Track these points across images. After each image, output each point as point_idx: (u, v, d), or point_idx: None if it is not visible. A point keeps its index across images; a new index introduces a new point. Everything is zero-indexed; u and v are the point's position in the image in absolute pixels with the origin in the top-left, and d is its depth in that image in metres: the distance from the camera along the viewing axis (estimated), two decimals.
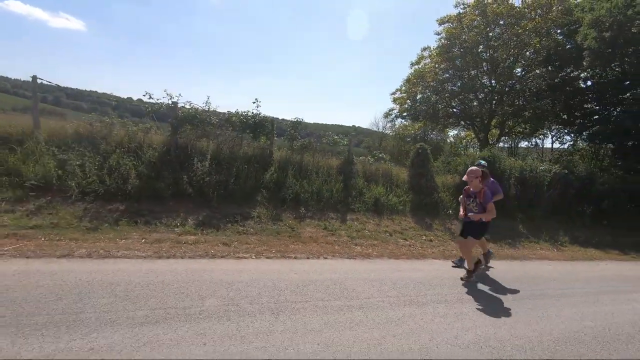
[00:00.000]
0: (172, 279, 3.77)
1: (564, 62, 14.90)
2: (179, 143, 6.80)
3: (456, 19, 17.14)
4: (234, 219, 6.26)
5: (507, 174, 9.65)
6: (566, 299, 4.73)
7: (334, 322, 3.23)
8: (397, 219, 7.99)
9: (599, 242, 9.35)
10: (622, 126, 12.44)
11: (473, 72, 17.41)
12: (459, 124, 20.93)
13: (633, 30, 11.36)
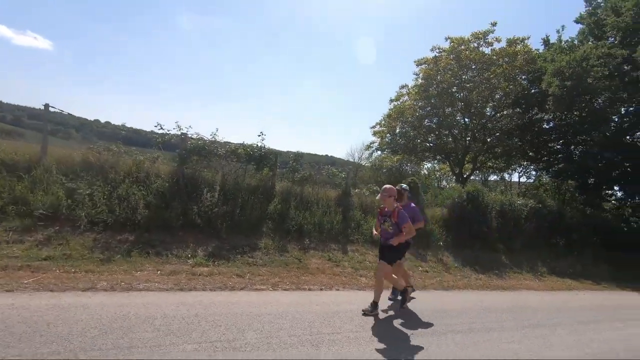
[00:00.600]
0: (204, 312, 3.82)
1: (530, 105, 16.41)
2: (185, 173, 6.87)
3: (432, 61, 18.54)
4: (243, 250, 6.33)
5: (490, 208, 10.34)
6: (564, 327, 5.14)
7: (369, 353, 3.41)
8: None
9: (572, 272, 10.09)
10: (584, 165, 13.74)
11: (448, 110, 18.69)
12: (435, 158, 22.08)
13: (589, 81, 12.87)
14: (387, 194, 4.52)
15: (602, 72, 12.75)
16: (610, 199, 16.20)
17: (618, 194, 15.75)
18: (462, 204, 9.94)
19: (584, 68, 12.73)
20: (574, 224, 11.83)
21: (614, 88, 12.92)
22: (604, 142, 13.25)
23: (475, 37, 17.40)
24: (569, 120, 15.20)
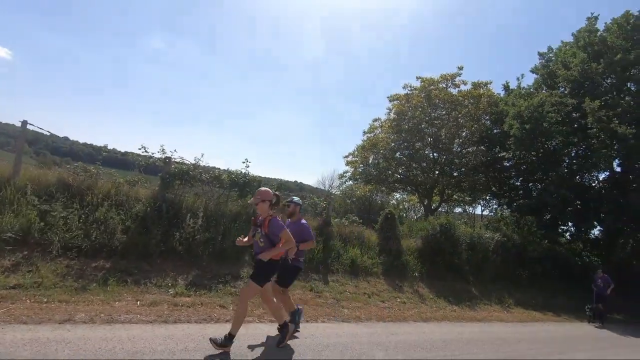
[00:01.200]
0: (195, 346, 3.66)
1: (493, 144, 17.65)
2: (167, 198, 6.69)
3: (404, 98, 19.64)
4: (225, 279, 6.16)
5: (461, 240, 10.79)
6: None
7: None
8: (371, 280, 8.39)
9: (536, 303, 10.62)
10: (542, 201, 14.81)
11: (418, 145, 19.64)
12: (405, 189, 22.85)
13: (545, 125, 14.15)
14: (260, 197, 3.77)
15: (555, 117, 14.10)
16: (565, 234, 17.41)
17: (572, 230, 16.96)
18: (435, 235, 10.31)
19: (540, 113, 14.02)
20: (536, 257, 12.56)
21: (566, 133, 14.27)
22: (559, 180, 14.41)
23: (444, 79, 18.72)
24: (527, 159, 16.47)
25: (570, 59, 15.21)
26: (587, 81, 14.49)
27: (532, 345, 6.33)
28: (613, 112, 12.82)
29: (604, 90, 14.41)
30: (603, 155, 13.57)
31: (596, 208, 14.11)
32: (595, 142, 13.58)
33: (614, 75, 14.32)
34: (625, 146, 12.81)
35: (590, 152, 14.03)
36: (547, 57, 17.59)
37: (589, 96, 13.61)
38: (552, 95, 14.92)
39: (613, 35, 14.54)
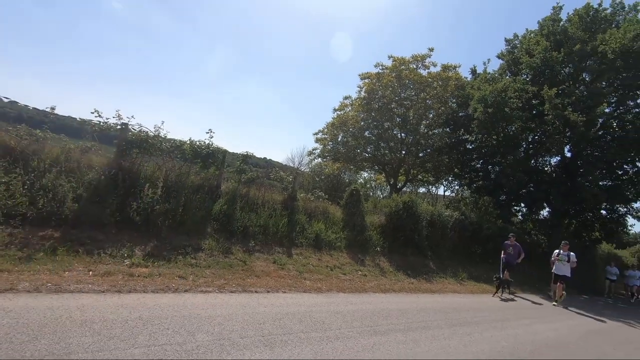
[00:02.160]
0: (149, 314, 3.59)
1: (457, 126, 18.21)
2: (124, 167, 6.35)
3: (376, 77, 19.63)
4: (185, 250, 6.04)
5: (421, 218, 11.20)
6: (485, 325, 5.80)
7: (322, 352, 3.51)
8: (335, 254, 8.57)
9: (487, 277, 11.36)
10: (499, 183, 15.62)
11: (387, 125, 19.88)
12: (372, 168, 23.23)
13: (506, 110, 14.74)
14: None
15: (516, 103, 14.69)
16: (517, 215, 18.59)
17: (524, 210, 18.13)
18: (398, 212, 10.64)
19: (503, 98, 14.54)
20: (490, 235, 13.34)
21: (525, 118, 14.94)
22: (516, 164, 15.21)
23: (415, 59, 18.82)
24: (488, 142, 17.18)
25: (534, 46, 15.74)
26: (548, 69, 15.12)
27: (479, 313, 6.80)
28: (568, 100, 13.53)
29: (562, 79, 15.13)
30: (556, 141, 14.43)
31: (547, 191, 15.09)
32: (550, 129, 14.37)
33: (571, 64, 15.03)
34: (576, 133, 13.66)
35: (545, 138, 14.84)
36: (512, 43, 18.11)
37: (548, 84, 14.25)
38: (515, 81, 15.48)
39: (574, 26, 15.17)
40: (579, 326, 7.45)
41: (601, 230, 17.99)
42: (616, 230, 18.24)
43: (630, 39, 12.79)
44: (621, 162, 15.44)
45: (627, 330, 8.07)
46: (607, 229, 17.88)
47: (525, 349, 4.88)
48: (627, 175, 15.85)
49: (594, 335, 6.76)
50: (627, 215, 17.24)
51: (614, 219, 17.53)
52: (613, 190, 15.30)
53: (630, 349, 6.20)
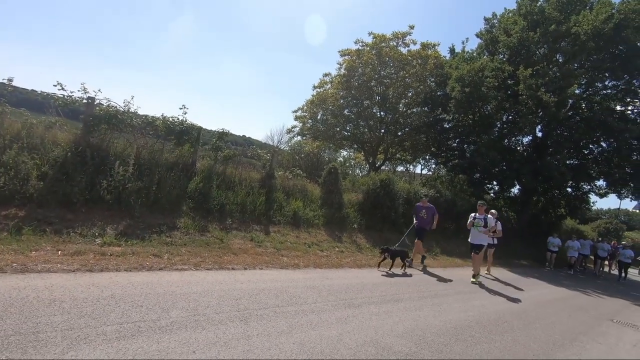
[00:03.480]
0: (122, 292, 3.56)
1: (435, 106, 18.38)
2: (92, 143, 6.09)
3: (356, 53, 19.37)
4: (160, 229, 5.95)
5: (398, 195, 11.44)
6: (454, 296, 6.10)
7: (297, 325, 3.61)
8: (312, 231, 8.68)
9: (459, 252, 11.87)
10: (473, 162, 16.06)
11: (366, 103, 19.84)
12: (351, 146, 23.30)
13: (483, 90, 14.96)
14: None
15: (493, 83, 14.93)
16: (490, 192, 19.26)
17: (496, 188, 18.80)
18: (375, 190, 10.80)
19: (480, 78, 14.72)
20: (463, 212, 13.80)
21: (500, 98, 15.25)
22: (490, 143, 15.61)
23: (395, 37, 18.64)
24: (464, 122, 17.51)
25: (512, 26, 15.87)
26: (524, 49, 15.35)
27: (449, 285, 7.13)
28: (541, 80, 13.84)
29: (537, 60, 15.40)
30: (529, 121, 14.83)
31: (518, 169, 15.63)
32: (524, 109, 14.73)
33: (546, 45, 15.30)
34: (548, 113, 14.08)
35: (519, 118, 15.22)
36: (491, 22, 18.17)
37: (524, 64, 14.50)
38: (493, 60, 15.66)
39: (551, 7, 15.31)
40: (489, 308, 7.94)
41: (566, 206, 18.99)
42: (580, 206, 19.30)
43: (601, 20, 13.08)
44: (587, 142, 16.16)
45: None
46: (572, 205, 18.89)
47: (488, 317, 5.19)
48: (592, 154, 16.64)
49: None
50: (590, 192, 18.22)
51: (579, 196, 18.50)
52: (578, 169, 16.07)
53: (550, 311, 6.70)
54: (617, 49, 13.92)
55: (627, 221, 39.66)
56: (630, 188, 16.14)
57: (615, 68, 14.08)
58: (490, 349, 3.93)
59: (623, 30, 12.88)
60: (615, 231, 29.77)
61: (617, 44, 13.60)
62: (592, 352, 4.46)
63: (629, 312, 7.91)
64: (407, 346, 3.55)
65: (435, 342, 3.80)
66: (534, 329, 5.00)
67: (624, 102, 15.84)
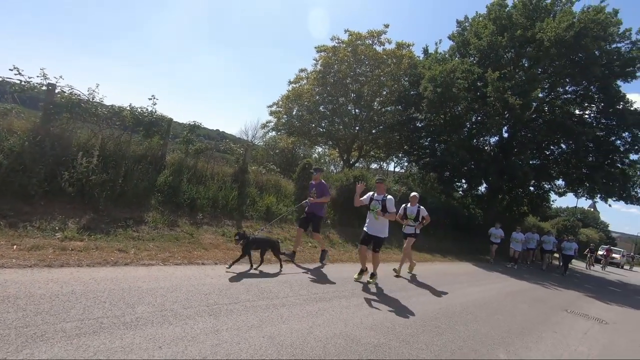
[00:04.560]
0: (84, 289, 3.41)
1: (409, 105, 18.75)
2: (53, 133, 5.76)
3: (332, 50, 19.41)
4: (126, 223, 5.73)
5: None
6: (421, 290, 6.29)
7: (267, 319, 3.60)
8: (286, 227, 8.66)
9: (428, 248, 12.22)
10: (444, 160, 16.56)
11: (342, 100, 19.96)
12: (326, 143, 23.38)
13: (454, 90, 15.43)
14: None
15: (463, 84, 15.42)
16: (458, 190, 19.95)
17: (464, 186, 19.49)
18: (349, 186, 10.90)
19: (451, 78, 15.16)
20: (433, 209, 14.20)
21: (470, 99, 15.79)
22: (460, 142, 16.15)
23: (371, 35, 18.82)
24: (436, 121, 17.99)
25: (482, 29, 16.44)
26: (493, 52, 15.96)
27: (420, 279, 7.34)
28: (508, 83, 14.45)
29: (504, 63, 16.07)
30: (496, 122, 15.47)
31: (485, 168, 16.28)
32: (491, 110, 15.35)
33: (513, 50, 15.98)
34: (513, 115, 14.74)
35: (487, 119, 15.83)
36: (463, 25, 18.73)
37: (492, 67, 15.08)
38: (463, 62, 16.16)
39: (518, 13, 15.99)
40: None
41: (529, 204, 19.99)
42: (541, 204, 20.38)
43: (563, 28, 13.80)
44: (549, 144, 17.07)
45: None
46: (534, 203, 19.92)
47: (454, 308, 5.40)
48: (552, 155, 17.61)
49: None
50: (551, 191, 19.29)
51: (540, 194, 19.53)
52: (540, 168, 16.96)
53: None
54: (577, 56, 14.74)
55: (582, 219, 42.27)
56: (585, 188, 17.21)
57: (575, 74, 14.92)
58: (454, 338, 4.09)
59: (583, 38, 13.64)
60: (572, 228, 31.64)
61: (577, 51, 14.39)
62: (548, 341, 4.74)
63: (581, 302, 8.46)
64: (375, 337, 3.63)
65: (403, 333, 3.91)
66: (495, 320, 5.25)
67: (582, 106, 16.86)
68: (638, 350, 5.18)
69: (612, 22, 14.47)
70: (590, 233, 37.45)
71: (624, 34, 14.91)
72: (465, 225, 16.11)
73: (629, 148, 15.67)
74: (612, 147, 15.83)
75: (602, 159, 15.86)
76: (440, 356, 3.50)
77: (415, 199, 7.95)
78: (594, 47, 14.01)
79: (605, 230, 49.33)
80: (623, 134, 15.70)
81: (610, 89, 15.14)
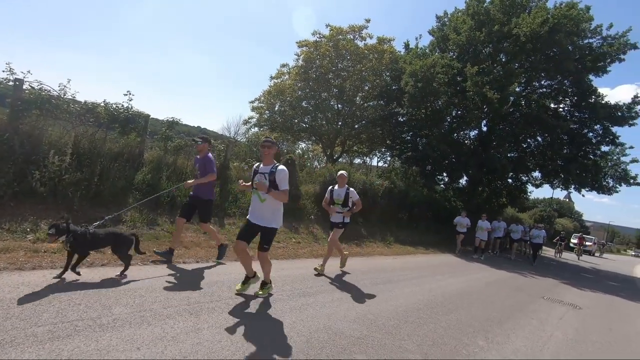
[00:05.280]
0: (57, 291, 3.29)
1: (390, 99, 18.88)
2: (21, 131, 5.51)
3: (313, 45, 19.30)
4: (103, 223, 5.55)
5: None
6: (405, 282, 6.37)
7: (250, 316, 3.57)
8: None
9: (411, 240, 12.41)
10: (425, 154, 16.79)
11: (324, 95, 19.92)
12: (309, 139, 23.33)
13: (434, 85, 15.62)
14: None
15: (443, 79, 15.62)
16: (440, 183, 20.29)
17: (446, 179, 19.82)
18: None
19: (431, 73, 15.33)
20: (415, 202, 14.44)
21: (450, 94, 16.02)
22: (440, 137, 16.40)
23: (352, 30, 18.81)
24: (417, 116, 18.19)
25: (461, 25, 16.65)
26: (472, 47, 16.21)
27: (402, 272, 7.44)
28: (487, 78, 14.73)
29: (483, 58, 16.36)
30: (475, 116, 15.78)
31: (465, 162, 16.58)
32: (471, 104, 15.62)
33: (491, 45, 16.27)
34: (492, 109, 15.06)
35: (466, 113, 16.13)
36: (442, 20, 18.94)
37: (471, 62, 15.33)
38: (443, 57, 16.35)
39: (495, 8, 16.27)
40: None
41: (507, 196, 20.52)
42: (519, 196, 20.94)
43: (538, 24, 14.14)
44: (526, 137, 17.52)
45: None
46: (512, 195, 20.45)
47: (436, 298, 5.50)
48: (529, 148, 18.09)
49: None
50: (528, 183, 19.85)
51: (518, 186, 20.06)
52: (518, 161, 17.41)
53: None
54: (552, 51, 15.14)
55: (558, 209, 43.79)
56: (560, 179, 17.79)
57: (550, 69, 15.34)
58: (436, 327, 4.16)
59: (556, 34, 14.02)
60: (549, 218, 32.78)
61: (552, 46, 14.77)
62: (526, 327, 4.89)
63: (557, 290, 8.78)
64: (359, 330, 3.65)
65: (386, 325, 3.95)
66: (476, 309, 5.38)
67: (556, 100, 17.35)
68: (607, 332, 5.41)
69: (584, 18, 14.91)
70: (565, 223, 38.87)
71: (595, 29, 15.39)
72: (447, 218, 16.37)
73: (600, 140, 16.26)
74: (585, 139, 16.39)
75: (576, 151, 16.41)
76: (422, 345, 3.55)
77: (343, 179, 6.27)
78: (567, 42, 14.42)
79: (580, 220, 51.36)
80: (595, 126, 16.27)
81: (582, 83, 15.65)
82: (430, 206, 15.51)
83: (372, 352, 3.19)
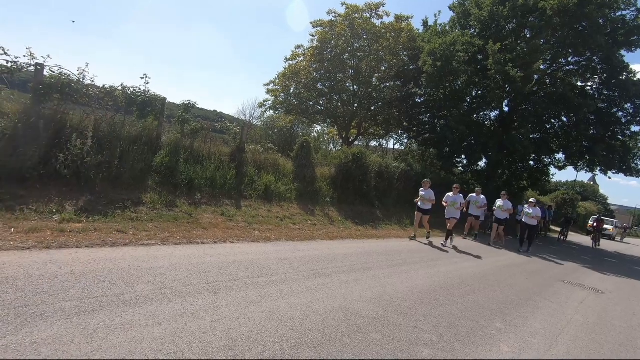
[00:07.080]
0: (83, 269, 3.42)
1: (408, 80, 18.42)
2: (44, 115, 5.65)
3: (328, 24, 18.87)
4: (124, 205, 5.72)
5: (370, 169, 11.57)
6: (421, 264, 6.35)
7: (266, 295, 3.64)
8: (285, 205, 8.66)
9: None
10: (443, 136, 16.41)
11: (340, 76, 19.57)
12: (325, 121, 23.14)
13: (454, 64, 15.08)
14: None
15: (463, 57, 15.05)
16: (458, 166, 19.88)
17: (464, 162, 19.40)
18: (348, 164, 10.86)
19: (451, 52, 14.78)
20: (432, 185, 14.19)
21: (470, 73, 15.45)
22: (459, 118, 15.95)
23: (369, 7, 18.25)
24: (436, 96, 17.70)
25: None
26: (494, 23, 15.48)
27: (416, 253, 7.41)
28: (509, 55, 14.10)
29: (506, 35, 15.62)
30: (496, 96, 15.20)
31: (485, 143, 16.14)
32: (492, 83, 15.04)
33: (515, 20, 15.47)
34: (514, 88, 14.47)
35: (487, 92, 15.55)
36: None
37: (493, 39, 14.67)
38: (464, 34, 15.72)
39: None
40: None
41: (528, 179, 19.95)
42: (540, 179, 20.32)
43: None
44: (549, 117, 16.84)
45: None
46: (533, 178, 19.86)
47: (452, 281, 5.47)
48: (553, 129, 17.41)
49: None
50: (551, 165, 19.21)
51: (540, 168, 19.45)
52: (541, 142, 16.82)
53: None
54: (581, 25, 14.30)
55: (582, 192, 42.44)
56: (585, 160, 17.14)
57: (578, 44, 14.51)
58: (452, 309, 4.15)
59: (586, 5, 13.19)
60: (572, 201, 31.79)
61: (581, 20, 13.94)
62: (544, 310, 4.82)
63: (578, 274, 8.58)
64: (374, 311, 3.68)
65: (402, 306, 3.96)
66: (492, 291, 5.32)
67: (584, 78, 16.51)
68: (631, 317, 5.28)
69: None
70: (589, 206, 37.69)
71: (629, 0, 14.40)
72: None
73: (631, 119, 15.48)
74: (613, 119, 15.63)
75: (604, 132, 15.69)
76: (438, 326, 3.55)
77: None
78: (598, 15, 13.56)
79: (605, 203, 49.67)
80: (625, 105, 15.46)
81: (613, 59, 14.76)
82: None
83: (387, 332, 3.21)
